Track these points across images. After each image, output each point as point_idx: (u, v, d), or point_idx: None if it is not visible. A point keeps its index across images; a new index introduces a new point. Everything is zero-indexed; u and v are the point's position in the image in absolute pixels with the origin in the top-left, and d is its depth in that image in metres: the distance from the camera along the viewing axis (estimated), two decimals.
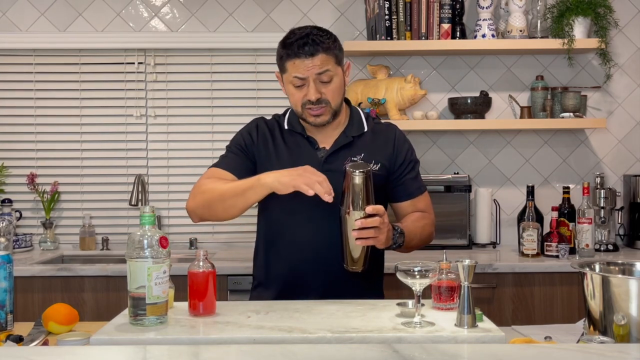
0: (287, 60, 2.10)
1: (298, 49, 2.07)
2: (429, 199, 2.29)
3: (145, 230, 1.74)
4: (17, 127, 3.71)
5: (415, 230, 2.16)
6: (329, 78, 2.10)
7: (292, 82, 2.11)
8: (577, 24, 3.46)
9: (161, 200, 3.72)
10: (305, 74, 2.08)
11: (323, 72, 2.09)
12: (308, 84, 2.09)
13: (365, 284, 2.18)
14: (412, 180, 2.24)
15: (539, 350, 1.49)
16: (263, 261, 2.26)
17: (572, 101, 3.48)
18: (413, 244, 2.17)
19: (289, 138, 2.23)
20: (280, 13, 3.69)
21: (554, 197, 3.59)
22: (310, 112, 2.12)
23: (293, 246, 2.16)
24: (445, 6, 3.48)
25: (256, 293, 2.27)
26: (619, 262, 1.89)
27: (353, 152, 2.18)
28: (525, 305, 3.09)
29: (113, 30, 3.68)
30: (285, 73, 2.14)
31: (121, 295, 2.91)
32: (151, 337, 1.67)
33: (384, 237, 1.98)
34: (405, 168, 2.23)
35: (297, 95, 2.12)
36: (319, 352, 1.47)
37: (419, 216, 2.22)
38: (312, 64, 2.07)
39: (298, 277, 2.15)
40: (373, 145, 2.21)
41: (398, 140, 2.24)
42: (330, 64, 2.10)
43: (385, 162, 2.20)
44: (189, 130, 3.73)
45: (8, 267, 1.93)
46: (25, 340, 1.75)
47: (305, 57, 2.07)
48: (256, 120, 2.31)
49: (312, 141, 2.20)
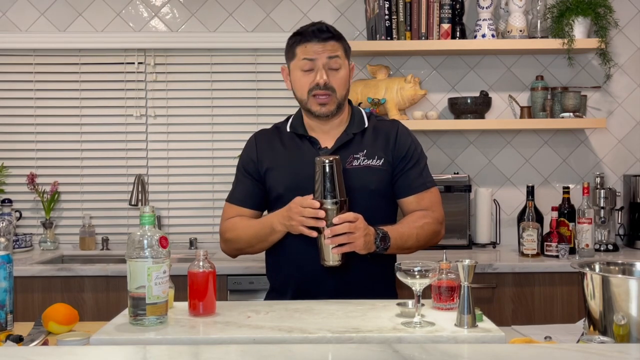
0: (297, 45, 2.14)
1: (312, 33, 2.12)
2: (436, 196, 2.22)
3: (145, 230, 1.74)
4: (17, 127, 3.71)
5: (411, 231, 2.12)
6: (338, 65, 2.13)
7: (301, 66, 2.13)
8: (577, 24, 3.46)
9: (161, 200, 3.72)
10: (315, 56, 2.11)
11: (333, 58, 2.12)
12: (317, 68, 2.11)
13: (380, 286, 2.18)
14: (415, 175, 2.19)
15: (539, 350, 1.49)
16: (273, 265, 2.27)
17: (572, 101, 3.48)
18: (410, 245, 2.13)
19: (289, 142, 2.23)
20: (280, 13, 3.69)
21: (554, 197, 3.59)
22: (317, 99, 2.13)
23: (301, 250, 2.13)
24: (445, 6, 3.48)
25: (271, 298, 2.27)
26: (619, 262, 1.89)
27: (355, 149, 2.17)
28: (525, 305, 3.09)
29: (113, 30, 3.68)
30: (294, 59, 2.15)
31: (121, 295, 2.91)
32: (151, 337, 1.67)
33: (361, 242, 1.98)
34: (407, 162, 2.19)
35: (305, 80, 2.14)
36: (319, 352, 1.47)
37: (420, 215, 2.17)
38: (324, 48, 2.11)
39: (309, 281, 2.14)
40: (375, 141, 2.20)
41: (400, 135, 2.22)
42: (340, 51, 2.14)
43: (388, 156, 2.18)
44: (189, 130, 3.73)
45: (8, 267, 1.93)
46: (25, 340, 1.75)
47: (318, 41, 2.11)
48: (253, 136, 2.32)
49: (314, 141, 2.19)
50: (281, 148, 2.22)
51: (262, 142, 2.26)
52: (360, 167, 2.15)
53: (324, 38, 2.11)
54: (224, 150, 3.71)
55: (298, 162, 2.16)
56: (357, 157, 2.16)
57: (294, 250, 2.15)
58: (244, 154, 2.30)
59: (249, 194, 2.25)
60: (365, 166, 2.15)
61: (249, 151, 2.27)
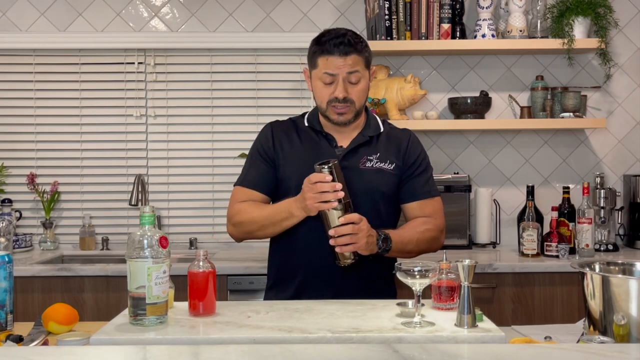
0: (319, 56, 2.15)
1: (333, 46, 2.13)
2: (438, 205, 2.28)
3: (145, 230, 1.74)
4: (17, 127, 3.71)
5: (412, 236, 2.17)
6: (357, 79, 2.16)
7: (322, 78, 2.16)
8: (577, 24, 3.46)
9: (161, 200, 3.72)
10: (336, 71, 2.13)
11: (353, 72, 2.14)
12: (337, 81, 2.14)
13: (380, 282, 2.22)
14: (420, 182, 2.25)
15: (539, 350, 1.49)
16: (277, 261, 2.29)
17: (572, 101, 3.48)
18: (410, 249, 2.18)
19: (305, 136, 2.27)
20: (280, 13, 3.69)
21: (554, 197, 3.59)
22: (335, 109, 2.17)
23: (311, 243, 2.17)
24: (445, 6, 3.48)
25: (273, 293, 2.29)
26: (619, 262, 1.89)
27: (369, 151, 2.23)
28: (525, 305, 3.09)
29: (113, 30, 3.68)
30: (316, 69, 2.18)
31: (121, 295, 2.91)
32: (151, 337, 1.67)
33: (363, 243, 2.02)
34: (416, 170, 2.25)
35: (325, 91, 2.17)
36: (319, 352, 1.47)
37: (421, 221, 2.22)
38: (344, 63, 2.13)
39: (316, 274, 2.18)
40: (388, 146, 2.26)
41: (412, 143, 2.29)
42: (360, 65, 2.16)
43: (399, 162, 2.24)
44: (189, 130, 3.73)
45: (8, 267, 1.93)
46: (25, 340, 1.75)
47: (339, 55, 2.13)
48: (270, 125, 2.34)
49: (330, 138, 2.24)
50: (298, 141, 2.26)
51: (279, 132, 2.28)
52: (372, 169, 2.21)
53: (345, 52, 2.13)
54: (224, 150, 3.71)
55: (314, 156, 2.18)
56: (370, 159, 2.22)
57: (302, 244, 2.18)
58: (260, 139, 2.31)
59: (262, 178, 2.25)
60: (377, 168, 2.21)
61: (266, 138, 2.29)
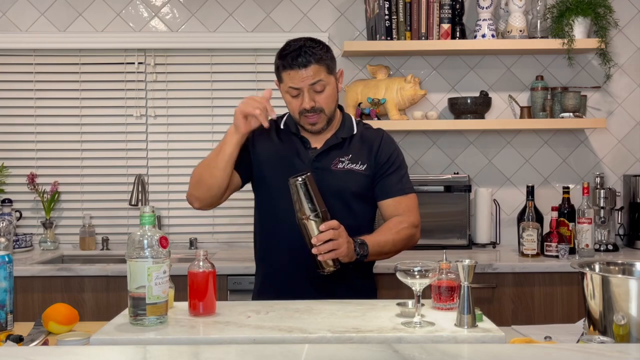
0: (282, 71, 2.22)
1: (292, 60, 2.18)
2: (413, 202, 2.32)
3: (145, 230, 1.74)
4: (17, 127, 3.71)
5: (388, 238, 2.21)
6: (321, 87, 2.21)
7: (289, 92, 2.23)
8: (577, 24, 3.46)
9: (161, 200, 3.72)
10: (300, 84, 2.19)
11: (316, 82, 2.19)
12: (303, 93, 2.20)
13: (359, 282, 2.27)
14: (395, 180, 2.30)
15: (539, 350, 1.49)
16: (264, 250, 2.35)
17: (572, 101, 3.48)
18: (387, 250, 2.22)
19: (284, 137, 2.34)
20: (280, 13, 3.69)
21: (554, 197, 3.59)
22: (307, 119, 2.24)
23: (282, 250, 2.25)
24: (445, 6, 3.48)
25: (257, 296, 2.35)
26: (619, 262, 1.89)
27: (341, 153, 2.29)
28: (525, 305, 3.09)
29: (113, 30, 3.68)
30: (282, 83, 2.25)
31: (121, 295, 2.91)
32: (151, 337, 1.67)
33: (344, 249, 2.04)
34: (389, 168, 2.30)
35: (294, 103, 2.24)
36: (319, 352, 1.47)
37: (396, 221, 2.26)
38: (306, 75, 2.18)
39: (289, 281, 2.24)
40: (361, 147, 2.31)
41: (384, 142, 2.33)
42: (322, 74, 2.20)
43: (371, 162, 2.29)
44: (189, 130, 3.73)
45: (8, 267, 1.93)
46: (25, 340, 1.75)
47: (299, 69, 2.18)
48: None
49: (305, 141, 2.31)
50: (276, 139, 2.33)
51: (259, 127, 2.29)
52: (344, 170, 2.26)
53: (304, 64, 2.17)
54: None
55: (289, 154, 2.28)
56: (342, 160, 2.27)
57: (285, 236, 2.22)
58: None
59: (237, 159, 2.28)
60: (349, 169, 2.27)
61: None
